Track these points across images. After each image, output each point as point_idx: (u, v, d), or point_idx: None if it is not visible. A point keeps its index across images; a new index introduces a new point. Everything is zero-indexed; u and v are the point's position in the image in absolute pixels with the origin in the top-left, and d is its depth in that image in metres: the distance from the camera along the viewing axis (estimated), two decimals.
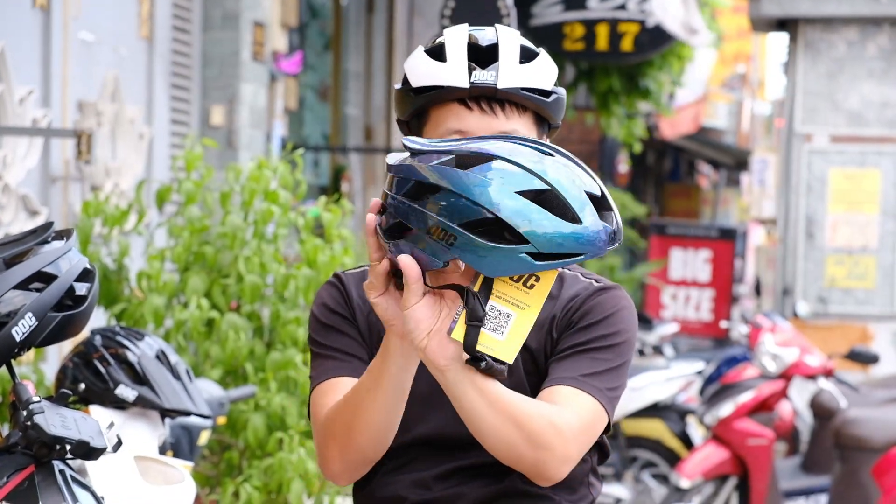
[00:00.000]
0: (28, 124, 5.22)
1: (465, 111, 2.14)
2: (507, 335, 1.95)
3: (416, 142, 1.96)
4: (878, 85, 10.50)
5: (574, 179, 1.93)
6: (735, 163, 25.33)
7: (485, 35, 2.18)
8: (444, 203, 1.89)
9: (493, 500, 2.20)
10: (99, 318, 4.67)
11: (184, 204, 4.71)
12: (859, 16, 10.45)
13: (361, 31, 10.29)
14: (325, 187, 9.81)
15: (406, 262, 1.94)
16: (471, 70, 2.12)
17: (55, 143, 5.51)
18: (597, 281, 2.26)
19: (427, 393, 2.19)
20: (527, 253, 1.89)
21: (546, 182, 1.90)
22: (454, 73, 2.13)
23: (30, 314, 2.38)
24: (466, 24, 2.22)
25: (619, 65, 11.68)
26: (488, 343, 1.95)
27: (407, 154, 1.96)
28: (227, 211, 4.69)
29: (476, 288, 1.94)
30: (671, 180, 23.87)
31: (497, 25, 2.21)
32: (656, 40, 10.74)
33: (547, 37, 10.74)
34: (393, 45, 10.56)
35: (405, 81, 2.20)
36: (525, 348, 2.17)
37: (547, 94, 2.16)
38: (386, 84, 10.52)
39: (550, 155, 1.94)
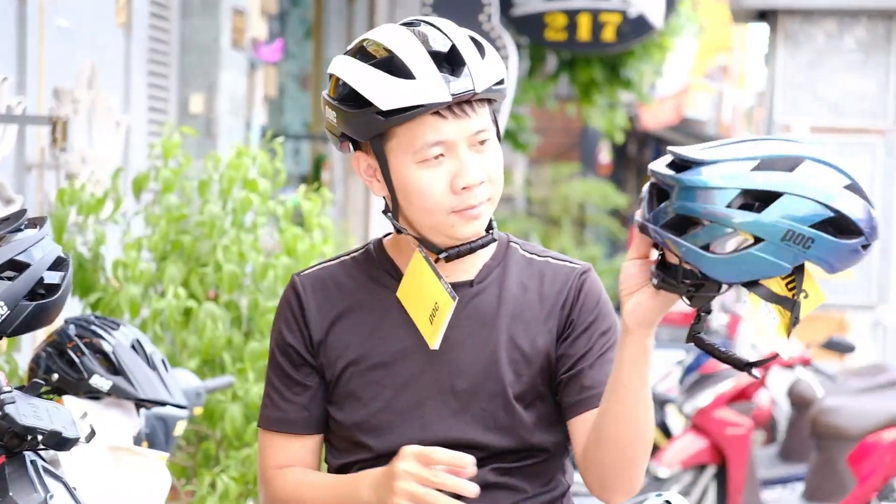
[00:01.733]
0: (2, 111, 5.18)
1: (440, 121, 2.11)
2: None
3: (700, 153, 1.94)
4: (857, 76, 10.53)
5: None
6: None
7: (431, 36, 2.13)
8: (790, 207, 1.90)
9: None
10: (74, 308, 4.65)
11: (161, 192, 4.68)
12: (837, 7, 10.47)
13: (342, 18, 10.26)
14: (306, 176, 9.79)
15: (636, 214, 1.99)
16: (447, 81, 2.09)
17: (30, 131, 5.48)
18: (569, 262, 2.28)
19: (408, 405, 2.20)
20: (861, 245, 1.94)
21: (847, 176, 1.96)
22: (431, 89, 2.08)
23: (1, 303, 2.36)
24: (398, 26, 2.16)
25: (601, 55, 11.69)
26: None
27: (668, 165, 1.95)
28: (206, 200, 4.67)
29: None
30: None
31: (436, 19, 2.17)
32: (638, 30, 10.74)
33: (528, 27, 10.74)
34: None
35: (361, 101, 2.11)
36: (522, 343, 2.20)
37: (502, 81, 2.17)
38: None
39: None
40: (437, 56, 2.10)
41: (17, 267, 2.40)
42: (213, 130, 7.00)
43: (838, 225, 1.92)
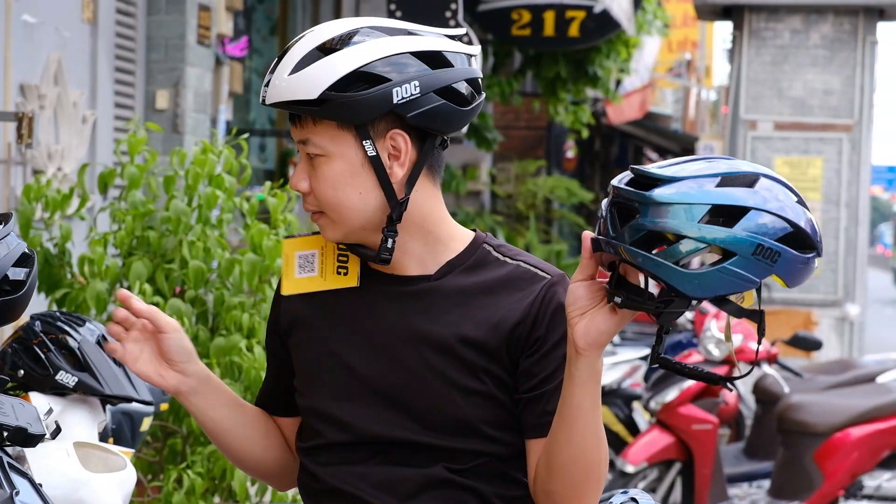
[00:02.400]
0: None
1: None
2: None
3: (662, 171, 1.96)
4: (821, 73, 10.59)
5: None
6: (681, 149, 25.44)
7: (301, 39, 2.18)
8: (757, 222, 1.92)
9: (421, 490, 2.19)
10: (40, 304, 4.63)
11: (127, 188, 4.66)
12: (803, 4, 10.53)
13: (308, 15, 10.25)
14: (272, 172, 9.77)
15: (585, 237, 2.00)
16: (263, 84, 2.17)
17: None
18: (540, 269, 2.25)
19: (355, 396, 2.20)
20: (813, 258, 2.00)
21: (794, 192, 1.98)
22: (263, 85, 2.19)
23: None
24: (320, 26, 2.19)
25: (566, 51, 11.70)
26: None
27: (629, 182, 1.96)
28: (171, 195, 4.65)
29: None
30: (618, 166, 23.94)
31: (333, 23, 2.18)
32: (603, 27, 10.77)
33: (494, 23, 10.76)
34: None
35: None
36: (471, 343, 2.18)
37: (315, 102, 2.11)
38: None
39: None
40: (278, 59, 2.17)
41: None
42: (179, 126, 6.97)
43: (797, 239, 1.95)
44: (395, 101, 2.11)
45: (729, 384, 2.06)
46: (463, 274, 2.22)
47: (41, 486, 2.42)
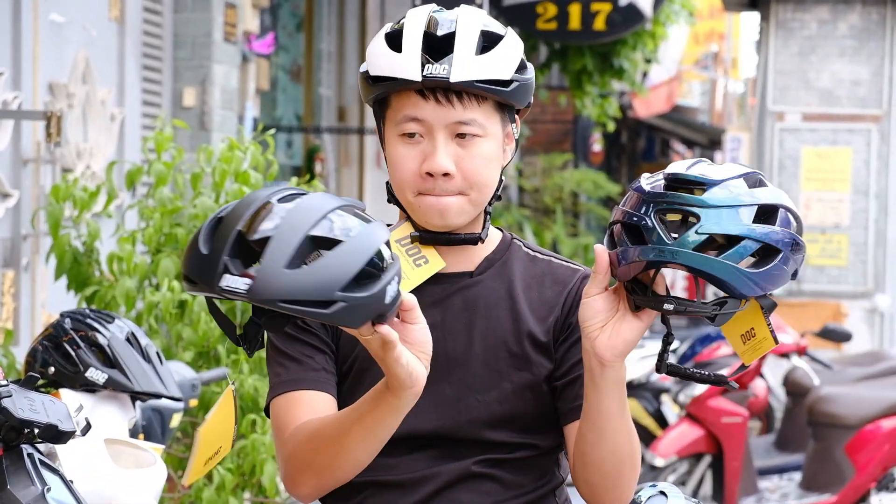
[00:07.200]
0: None
1: (421, 100, 2.13)
2: None
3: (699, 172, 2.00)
4: (850, 64, 10.53)
5: None
6: (709, 141, 25.38)
7: (444, 20, 2.15)
8: (785, 220, 1.97)
9: (457, 482, 2.19)
10: (70, 302, 4.65)
11: (154, 185, 4.68)
12: None
13: (334, 11, 10.26)
14: (299, 168, 9.79)
15: (598, 250, 2.01)
16: (424, 63, 2.10)
17: (26, 125, 5.48)
18: (571, 264, 2.28)
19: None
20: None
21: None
22: (407, 65, 2.11)
23: None
24: (432, 5, 2.20)
25: (592, 44, 11.69)
26: None
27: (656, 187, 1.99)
28: (198, 192, 4.67)
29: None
30: (645, 159, 23.90)
31: (463, 8, 2.19)
32: (629, 19, 10.75)
33: (519, 17, 10.74)
34: (366, 26, 10.54)
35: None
36: (532, 340, 2.21)
37: (506, 83, 2.14)
38: (359, 64, 10.45)
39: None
40: (430, 38, 2.12)
41: None
42: (206, 123, 6.99)
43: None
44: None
45: (732, 382, 2.08)
46: (502, 269, 2.24)
47: (72, 482, 2.43)
